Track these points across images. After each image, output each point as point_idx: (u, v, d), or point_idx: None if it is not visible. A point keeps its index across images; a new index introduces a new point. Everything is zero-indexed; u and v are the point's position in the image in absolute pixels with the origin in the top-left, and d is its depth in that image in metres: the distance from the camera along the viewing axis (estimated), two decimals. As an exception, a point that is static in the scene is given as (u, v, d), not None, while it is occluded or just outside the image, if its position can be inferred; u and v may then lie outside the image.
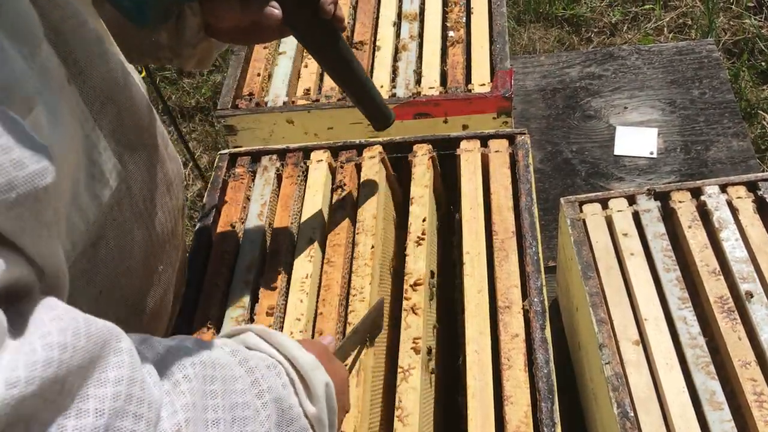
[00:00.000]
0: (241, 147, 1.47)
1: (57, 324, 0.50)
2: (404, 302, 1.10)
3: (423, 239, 1.16)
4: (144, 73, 3.04)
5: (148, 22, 0.82)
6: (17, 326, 0.49)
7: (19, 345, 0.48)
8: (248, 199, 1.30)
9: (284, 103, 1.55)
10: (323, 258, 1.18)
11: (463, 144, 1.30)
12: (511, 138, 1.29)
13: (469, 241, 1.16)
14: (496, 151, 1.27)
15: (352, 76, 1.08)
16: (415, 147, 1.31)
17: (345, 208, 1.24)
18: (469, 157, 1.28)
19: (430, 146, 1.31)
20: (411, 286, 1.11)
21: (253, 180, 1.33)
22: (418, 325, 1.06)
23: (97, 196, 0.73)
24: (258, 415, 0.68)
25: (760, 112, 2.57)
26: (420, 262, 1.14)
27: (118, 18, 0.86)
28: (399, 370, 1.02)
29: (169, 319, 1.03)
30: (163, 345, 0.65)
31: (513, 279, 1.09)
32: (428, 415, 1.06)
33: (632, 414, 1.04)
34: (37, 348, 0.48)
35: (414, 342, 1.04)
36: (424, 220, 1.19)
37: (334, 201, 1.26)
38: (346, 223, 1.22)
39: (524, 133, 1.29)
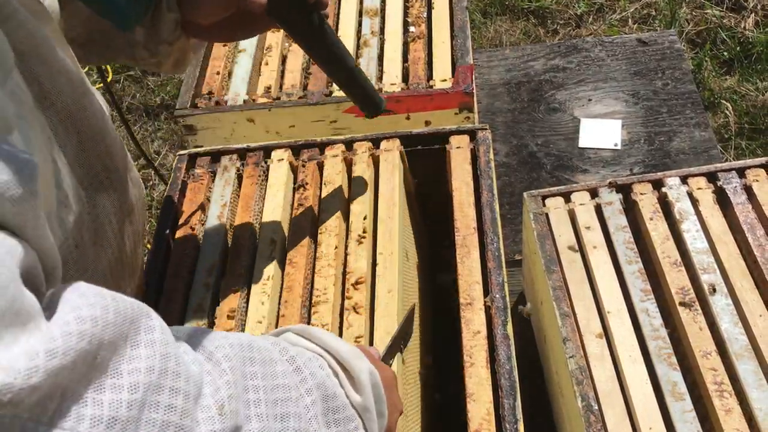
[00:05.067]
0: (201, 147, 1.45)
1: (85, 300, 0.51)
2: (346, 301, 1.09)
3: (364, 237, 1.15)
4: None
5: (131, 24, 0.81)
6: (47, 307, 0.50)
7: (54, 319, 0.48)
8: (208, 200, 1.28)
9: (244, 101, 1.53)
10: (285, 259, 1.16)
11: (425, 141, 1.29)
12: (472, 134, 1.29)
13: (431, 238, 1.15)
14: (458, 147, 1.27)
15: (340, 65, 1.06)
16: (355, 145, 1.30)
17: (307, 207, 1.22)
18: (430, 153, 1.27)
19: (370, 143, 1.30)
20: (353, 285, 1.10)
21: (213, 180, 1.31)
22: (359, 324, 1.05)
23: (63, 221, 0.72)
24: (301, 400, 0.66)
25: (723, 101, 2.60)
26: (361, 260, 1.13)
27: (94, 19, 0.84)
28: None
29: None
30: (193, 329, 0.65)
31: (475, 275, 1.09)
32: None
33: (596, 407, 1.04)
34: (70, 321, 0.48)
35: (356, 341, 1.03)
36: (365, 218, 1.18)
37: (296, 200, 1.25)
38: (308, 222, 1.20)
39: (485, 129, 1.28)
